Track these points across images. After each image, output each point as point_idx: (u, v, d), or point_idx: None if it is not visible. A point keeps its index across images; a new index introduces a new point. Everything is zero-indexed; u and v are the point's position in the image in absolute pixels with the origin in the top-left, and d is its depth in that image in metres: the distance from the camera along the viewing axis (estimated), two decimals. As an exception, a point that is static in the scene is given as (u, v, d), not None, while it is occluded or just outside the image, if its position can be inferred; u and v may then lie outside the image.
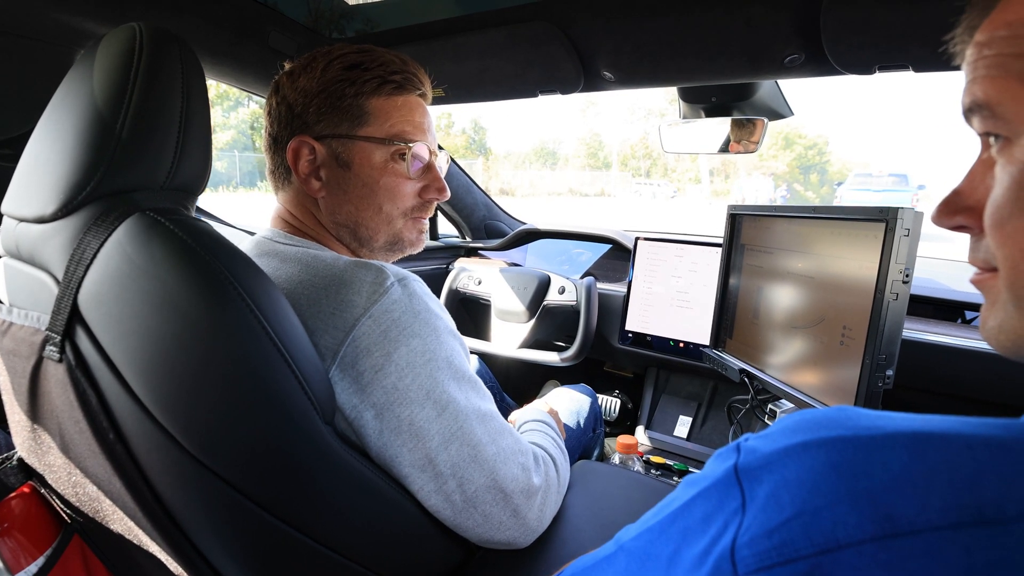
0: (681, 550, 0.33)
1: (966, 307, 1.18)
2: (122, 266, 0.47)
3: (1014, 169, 0.29)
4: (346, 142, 0.67)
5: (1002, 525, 0.22)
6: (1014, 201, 0.29)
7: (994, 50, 0.30)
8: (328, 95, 0.66)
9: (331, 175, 0.68)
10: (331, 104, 0.66)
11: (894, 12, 0.67)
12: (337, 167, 0.68)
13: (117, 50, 0.51)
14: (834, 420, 0.28)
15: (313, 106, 0.67)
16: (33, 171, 0.54)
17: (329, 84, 0.66)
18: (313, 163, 0.68)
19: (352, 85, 0.66)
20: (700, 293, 1.31)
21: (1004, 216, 0.30)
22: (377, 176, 0.68)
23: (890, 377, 0.73)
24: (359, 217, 0.70)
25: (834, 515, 0.25)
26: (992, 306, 0.33)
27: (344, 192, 0.69)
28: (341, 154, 0.68)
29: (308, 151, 0.68)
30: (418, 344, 0.58)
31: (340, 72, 0.66)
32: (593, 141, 40.06)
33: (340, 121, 0.67)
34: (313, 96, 0.67)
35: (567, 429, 1.08)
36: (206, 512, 0.51)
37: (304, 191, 0.70)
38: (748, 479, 0.29)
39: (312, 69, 0.67)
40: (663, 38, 0.84)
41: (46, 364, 0.51)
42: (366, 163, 0.68)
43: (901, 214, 0.71)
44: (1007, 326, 0.31)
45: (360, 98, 0.67)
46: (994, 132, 0.31)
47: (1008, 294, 0.31)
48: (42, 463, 0.57)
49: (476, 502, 0.61)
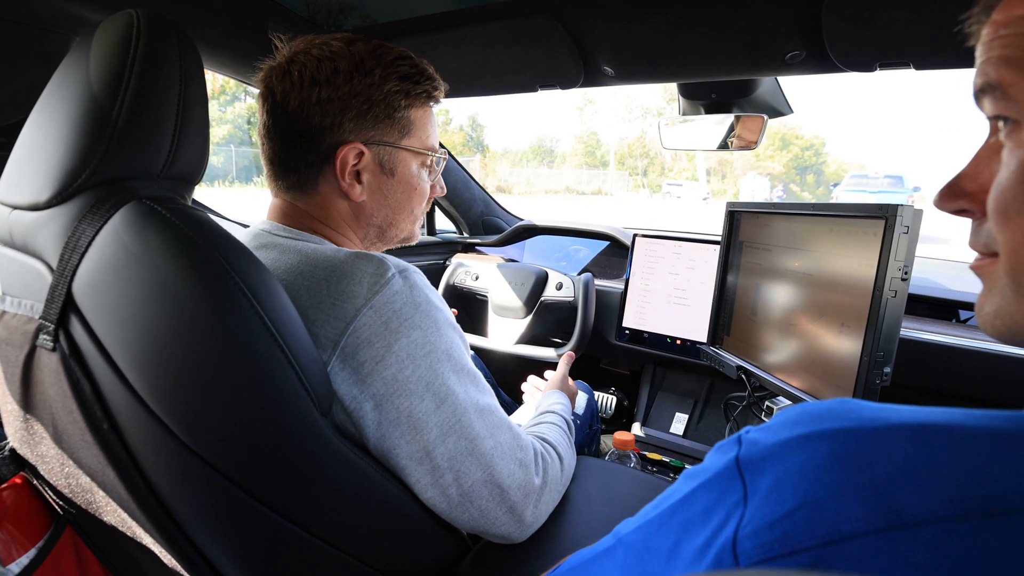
0: (681, 543, 0.32)
1: (961, 306, 1.18)
2: (118, 254, 0.47)
3: (1022, 153, 0.29)
4: (391, 150, 0.69)
5: (1007, 517, 0.22)
6: (1020, 185, 0.29)
7: (1011, 29, 0.29)
8: (386, 105, 0.67)
9: (374, 180, 0.69)
10: (386, 114, 0.67)
11: (896, 9, 0.66)
12: (381, 173, 0.70)
13: (114, 37, 0.50)
14: (836, 412, 0.28)
15: (372, 113, 0.66)
16: (28, 158, 0.53)
17: (388, 95, 0.67)
18: (355, 167, 0.68)
19: (406, 97, 0.68)
20: (697, 290, 1.31)
21: (1008, 200, 0.29)
22: (414, 183, 0.72)
23: (888, 374, 0.74)
24: (395, 219, 0.73)
25: (838, 507, 0.25)
26: (990, 292, 0.32)
27: (384, 196, 0.71)
28: (386, 161, 0.69)
29: (355, 156, 0.67)
30: (419, 336, 0.58)
31: (397, 83, 0.67)
32: (591, 139, 40.09)
33: (390, 130, 0.68)
34: (372, 103, 0.66)
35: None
36: (201, 503, 0.51)
37: (337, 191, 0.68)
38: (750, 471, 0.29)
39: (368, 74, 0.65)
40: (664, 33, 0.84)
41: (39, 353, 0.50)
42: (407, 171, 0.71)
43: (901, 211, 0.71)
44: (1003, 311, 0.31)
45: (409, 110, 0.69)
46: (1004, 115, 0.30)
47: (1007, 279, 0.30)
48: (34, 453, 0.57)
49: (472, 496, 0.60)
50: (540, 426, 0.81)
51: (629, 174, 36.41)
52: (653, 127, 36.92)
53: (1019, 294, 0.30)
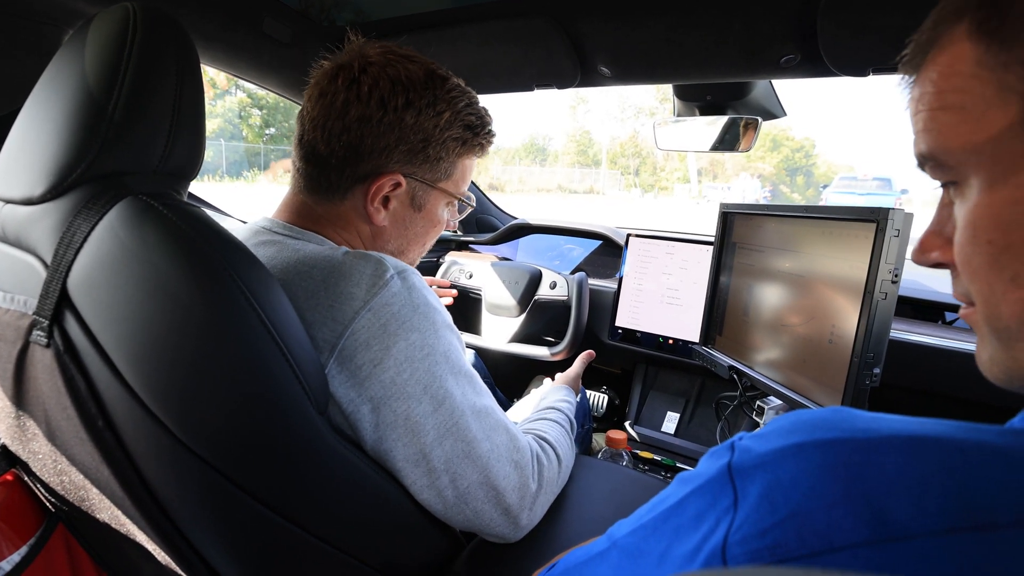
0: (672, 547, 0.33)
1: (946, 308, 1.20)
2: (114, 250, 0.47)
3: (965, 211, 0.31)
4: (426, 187, 0.70)
5: (994, 531, 0.22)
6: (972, 241, 0.30)
7: (924, 105, 0.32)
8: (441, 147, 0.68)
9: (400, 211, 0.70)
10: (437, 155, 0.68)
11: (889, 15, 0.67)
12: (410, 206, 0.70)
13: (110, 30, 0.50)
14: (829, 422, 0.28)
15: (426, 150, 0.67)
16: (21, 152, 0.52)
17: (448, 140, 0.68)
18: (387, 193, 0.68)
19: (463, 146, 0.69)
20: (690, 291, 1.32)
21: (968, 255, 0.31)
22: (437, 222, 0.74)
23: (877, 375, 0.75)
24: (408, 248, 0.74)
25: (829, 517, 0.25)
26: (981, 340, 0.33)
27: (405, 228, 0.72)
28: (418, 196, 0.70)
29: (392, 185, 0.67)
30: (417, 338, 0.58)
31: (459, 131, 0.68)
32: (583, 138, 40.13)
33: (434, 169, 0.69)
34: (432, 143, 0.67)
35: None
36: (197, 501, 0.50)
37: (361, 210, 0.68)
38: (741, 478, 0.29)
39: (437, 114, 0.66)
40: (661, 35, 0.84)
41: (33, 349, 0.50)
42: (435, 209, 0.72)
43: (892, 215, 0.72)
44: (996, 358, 0.32)
45: (460, 158, 0.71)
46: (944, 180, 0.32)
47: (986, 328, 0.32)
48: (26, 450, 0.56)
49: (468, 498, 0.61)
50: (541, 422, 0.80)
51: (621, 173, 36.50)
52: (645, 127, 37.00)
53: (1001, 341, 0.31)
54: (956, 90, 0.30)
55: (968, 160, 0.30)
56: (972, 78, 0.29)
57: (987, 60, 0.28)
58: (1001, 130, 0.29)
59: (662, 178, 35.22)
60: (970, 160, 0.30)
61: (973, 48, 0.29)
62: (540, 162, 40.60)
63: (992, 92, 0.28)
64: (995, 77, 0.28)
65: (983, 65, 0.29)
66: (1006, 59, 0.28)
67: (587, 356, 1.09)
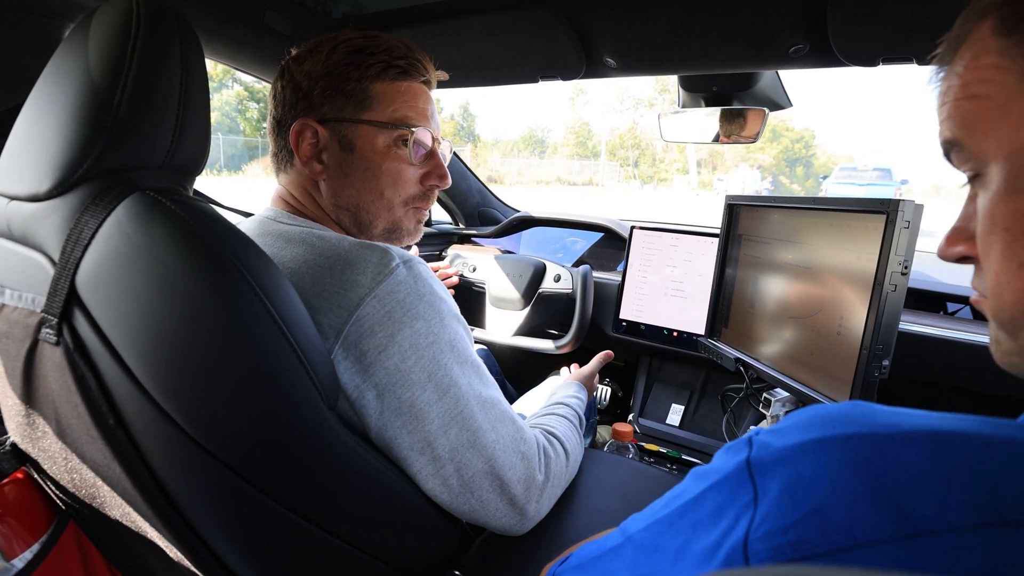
0: (690, 543, 0.33)
1: (948, 299, 1.20)
2: (122, 247, 0.46)
3: (985, 200, 0.32)
4: (349, 126, 0.67)
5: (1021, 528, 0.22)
6: (990, 230, 0.31)
7: (951, 95, 0.33)
8: (333, 78, 0.67)
9: (333, 158, 0.68)
10: (335, 87, 0.67)
11: (900, 4, 0.67)
12: (340, 150, 0.68)
13: (113, 23, 0.49)
14: (849, 417, 0.28)
15: (317, 89, 0.67)
16: (25, 148, 0.52)
17: (334, 67, 0.66)
18: (316, 146, 0.68)
19: (357, 69, 0.66)
20: (694, 283, 1.31)
21: (987, 244, 0.32)
22: (380, 160, 0.68)
23: (886, 367, 0.75)
24: (360, 201, 0.70)
25: (852, 514, 0.25)
26: (992, 329, 0.34)
27: (346, 176, 0.69)
28: (344, 137, 0.68)
29: (311, 134, 0.68)
30: (422, 326, 0.58)
31: (345, 56, 0.67)
32: (582, 130, 39.99)
33: (344, 104, 0.67)
34: (318, 79, 0.67)
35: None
36: (208, 497, 0.50)
37: (306, 174, 0.69)
38: (760, 473, 0.29)
39: (318, 53, 0.67)
40: (668, 25, 0.83)
41: (42, 347, 0.50)
42: (369, 147, 0.68)
43: (902, 206, 0.71)
44: (1005, 347, 0.33)
45: (364, 82, 0.67)
46: (968, 168, 0.34)
47: (992, 320, 0.33)
48: (36, 448, 0.56)
49: (473, 487, 0.61)
50: (549, 418, 0.81)
51: (620, 165, 36.40)
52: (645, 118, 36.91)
53: (1006, 330, 0.32)
54: (980, 80, 0.31)
55: (990, 147, 0.31)
56: (996, 69, 0.31)
57: (1010, 51, 0.30)
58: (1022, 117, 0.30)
59: (661, 169, 35.14)
60: (992, 147, 0.31)
61: (997, 41, 0.30)
62: (539, 154, 40.50)
63: (1014, 81, 0.30)
64: (1017, 67, 0.30)
65: (1006, 56, 0.30)
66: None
67: (604, 356, 1.08)
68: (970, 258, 0.36)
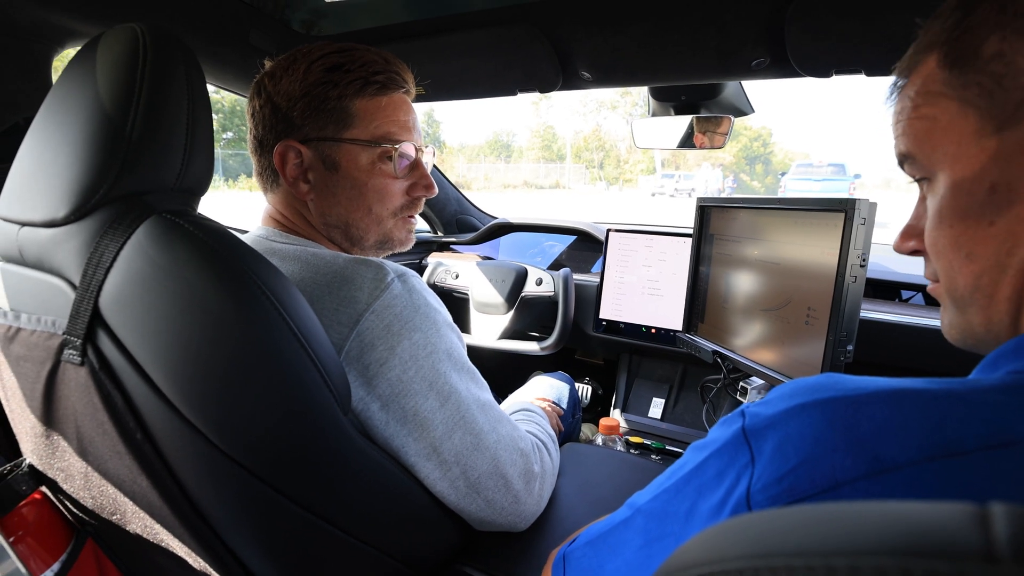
0: (698, 504, 0.38)
1: (902, 287, 1.29)
2: (145, 268, 0.48)
3: (935, 202, 0.38)
4: (332, 145, 0.67)
5: (964, 456, 0.28)
6: (938, 226, 0.38)
7: (905, 116, 0.40)
8: (312, 98, 0.66)
9: (319, 178, 0.69)
10: (315, 107, 0.66)
11: (850, 23, 0.74)
12: (324, 170, 0.68)
13: (120, 51, 0.51)
14: (824, 385, 0.34)
15: (297, 109, 0.66)
16: (36, 174, 0.53)
17: (312, 87, 0.66)
18: (300, 166, 0.68)
19: (335, 87, 0.66)
20: (670, 281, 1.37)
21: (934, 238, 0.39)
22: (365, 178, 0.69)
23: (850, 352, 0.81)
24: (349, 218, 0.71)
25: (832, 461, 0.30)
26: (944, 310, 0.42)
27: (333, 195, 0.69)
28: (328, 157, 0.68)
29: (294, 155, 0.68)
30: (420, 337, 0.60)
31: (322, 74, 0.66)
32: (547, 134, 40.29)
33: (325, 124, 0.67)
34: (296, 99, 0.66)
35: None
36: (235, 505, 0.52)
37: (292, 193, 0.70)
38: (755, 438, 0.34)
39: (294, 71, 0.67)
40: (641, 41, 0.89)
41: (64, 368, 0.51)
42: (353, 165, 0.68)
43: (859, 205, 0.78)
44: (955, 323, 0.40)
45: (344, 100, 0.67)
46: (919, 176, 0.40)
47: (947, 299, 0.40)
48: (54, 468, 0.57)
49: (479, 488, 0.64)
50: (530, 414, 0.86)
51: (586, 167, 36.83)
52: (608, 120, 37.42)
53: (958, 307, 0.39)
54: (928, 104, 0.38)
55: (937, 159, 0.38)
56: (940, 95, 0.37)
57: (951, 82, 0.36)
58: (961, 136, 0.36)
59: (626, 170, 35.70)
60: (939, 159, 0.38)
61: (941, 73, 0.37)
62: (505, 159, 40.59)
63: (955, 107, 0.36)
64: (956, 95, 0.36)
65: (948, 85, 0.37)
66: (966, 80, 0.35)
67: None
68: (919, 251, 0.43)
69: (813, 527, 0.17)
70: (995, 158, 0.35)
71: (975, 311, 0.38)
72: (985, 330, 0.38)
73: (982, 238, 0.36)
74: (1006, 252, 0.35)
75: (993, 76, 0.34)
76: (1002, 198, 0.35)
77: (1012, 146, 0.34)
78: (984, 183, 0.35)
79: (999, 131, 0.35)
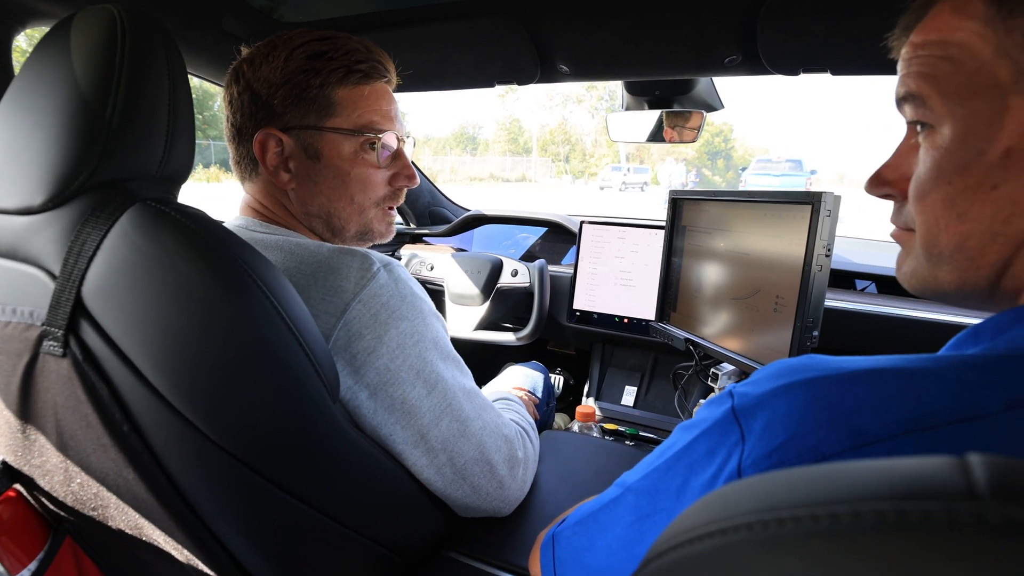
0: (689, 480, 0.39)
1: (857, 276, 1.36)
2: (131, 257, 0.47)
3: (936, 153, 0.36)
4: (314, 133, 0.67)
5: (938, 429, 0.30)
6: (934, 180, 0.36)
7: (927, 51, 0.36)
8: (293, 86, 0.65)
9: (300, 167, 0.68)
10: (297, 95, 0.65)
11: (819, 24, 0.77)
12: (306, 159, 0.68)
13: (97, 34, 0.50)
14: (807, 366, 0.35)
15: (278, 97, 0.65)
16: (7, 159, 0.51)
17: (294, 75, 0.65)
18: (281, 155, 0.67)
19: (317, 75, 0.65)
20: (642, 272, 1.41)
21: (925, 191, 0.37)
22: (348, 167, 0.69)
23: (816, 337, 0.86)
24: (331, 208, 0.70)
25: (818, 436, 0.32)
26: (907, 256, 0.41)
27: (315, 183, 0.69)
28: (310, 145, 0.67)
29: (275, 143, 0.67)
30: (407, 326, 0.61)
31: (304, 62, 0.65)
32: (513, 126, 40.24)
33: (307, 112, 0.66)
34: (278, 87, 0.65)
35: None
36: (224, 494, 0.52)
37: (273, 182, 0.69)
38: (744, 416, 0.36)
39: (274, 58, 0.66)
40: (619, 36, 0.91)
41: (44, 360, 0.50)
42: (336, 154, 0.68)
43: (824, 198, 0.82)
44: (918, 273, 0.40)
45: (326, 88, 0.66)
46: (922, 120, 0.37)
47: (921, 249, 0.39)
48: (30, 464, 0.55)
49: (465, 474, 0.65)
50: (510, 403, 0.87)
51: (552, 160, 37.00)
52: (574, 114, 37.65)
53: (930, 261, 0.39)
54: (960, 43, 0.34)
55: (948, 108, 0.35)
56: (976, 35, 0.33)
57: (995, 21, 0.33)
58: (987, 88, 0.33)
59: (591, 164, 36.04)
60: (950, 108, 0.35)
61: (986, 7, 0.33)
62: (471, 151, 40.38)
63: (990, 52, 0.33)
64: (996, 38, 0.33)
65: (989, 25, 0.33)
66: (1011, 24, 0.32)
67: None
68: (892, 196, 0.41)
69: (815, 482, 0.19)
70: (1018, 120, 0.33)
71: (949, 269, 0.37)
72: (955, 289, 0.38)
73: (981, 200, 0.34)
74: (1003, 220, 0.34)
75: None
76: (1014, 164, 0.33)
77: None
78: (1000, 144, 0.33)
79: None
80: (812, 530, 0.17)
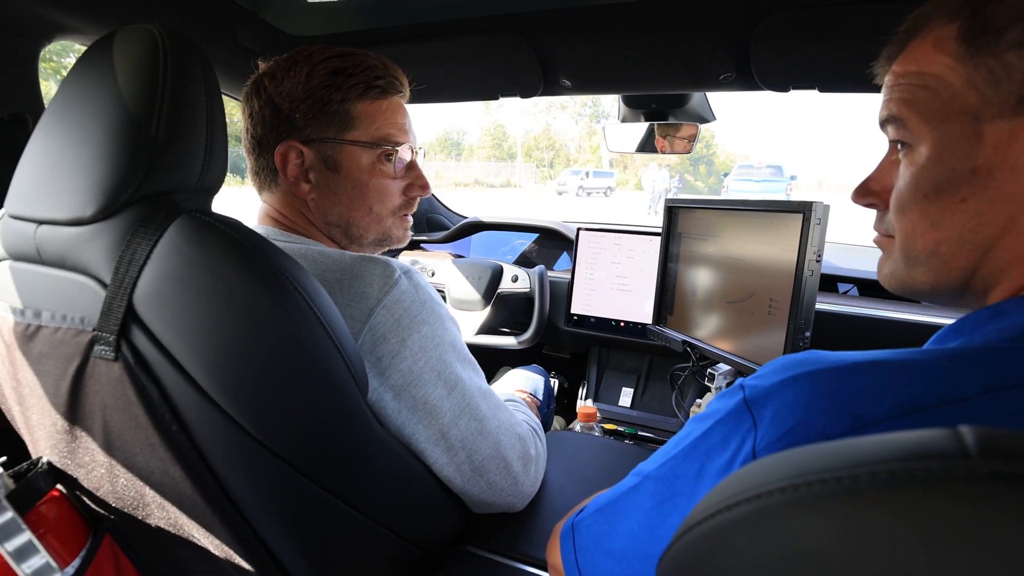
0: (706, 465, 0.43)
1: (840, 280, 1.43)
2: (180, 266, 0.50)
3: (914, 169, 0.41)
4: (334, 145, 0.70)
5: (926, 412, 0.34)
6: (911, 193, 0.41)
7: (907, 80, 0.41)
8: (315, 100, 0.69)
9: (320, 178, 0.71)
10: (318, 109, 0.69)
11: (808, 46, 0.83)
12: (326, 170, 0.71)
13: (140, 52, 0.52)
14: (810, 360, 0.39)
15: (300, 111, 0.69)
16: (54, 172, 0.53)
17: (316, 90, 0.68)
18: (301, 166, 0.70)
19: (339, 91, 0.69)
20: (637, 277, 1.46)
21: (904, 203, 0.42)
22: (366, 178, 0.72)
23: (808, 337, 0.91)
24: (350, 217, 0.74)
25: (823, 421, 0.36)
26: (887, 259, 0.47)
27: (334, 194, 0.72)
28: (330, 157, 0.70)
29: (296, 155, 0.70)
30: (428, 330, 0.64)
31: (326, 77, 0.69)
32: (497, 132, 40.33)
33: (328, 125, 0.69)
34: (300, 101, 0.69)
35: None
36: (266, 491, 0.55)
37: (293, 192, 0.72)
38: (756, 406, 0.40)
39: (296, 73, 0.69)
40: (619, 53, 0.96)
41: (94, 364, 0.52)
42: (355, 166, 0.71)
43: (815, 207, 0.87)
44: (897, 274, 0.45)
45: (346, 103, 0.69)
46: (902, 140, 0.42)
47: (900, 254, 0.44)
48: (75, 464, 0.57)
49: (483, 471, 0.68)
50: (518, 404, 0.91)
51: (536, 166, 37.17)
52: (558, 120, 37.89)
53: (908, 264, 0.44)
54: (935, 75, 0.39)
55: (925, 130, 0.40)
56: (949, 69, 0.38)
57: (965, 58, 0.37)
58: (959, 114, 0.38)
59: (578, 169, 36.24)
60: (926, 130, 0.40)
61: (957, 46, 0.38)
62: (455, 156, 40.38)
63: (961, 84, 0.38)
64: (966, 72, 0.37)
65: (960, 61, 0.38)
66: (978, 62, 0.37)
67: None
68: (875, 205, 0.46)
69: (837, 452, 0.23)
70: (984, 144, 0.37)
71: (924, 271, 0.42)
72: (930, 288, 0.42)
73: (952, 211, 0.39)
74: (970, 229, 0.38)
75: (1006, 66, 0.35)
76: (980, 181, 0.37)
77: (1003, 136, 0.36)
78: (968, 164, 0.37)
79: (995, 119, 0.36)
80: (836, 490, 0.21)
